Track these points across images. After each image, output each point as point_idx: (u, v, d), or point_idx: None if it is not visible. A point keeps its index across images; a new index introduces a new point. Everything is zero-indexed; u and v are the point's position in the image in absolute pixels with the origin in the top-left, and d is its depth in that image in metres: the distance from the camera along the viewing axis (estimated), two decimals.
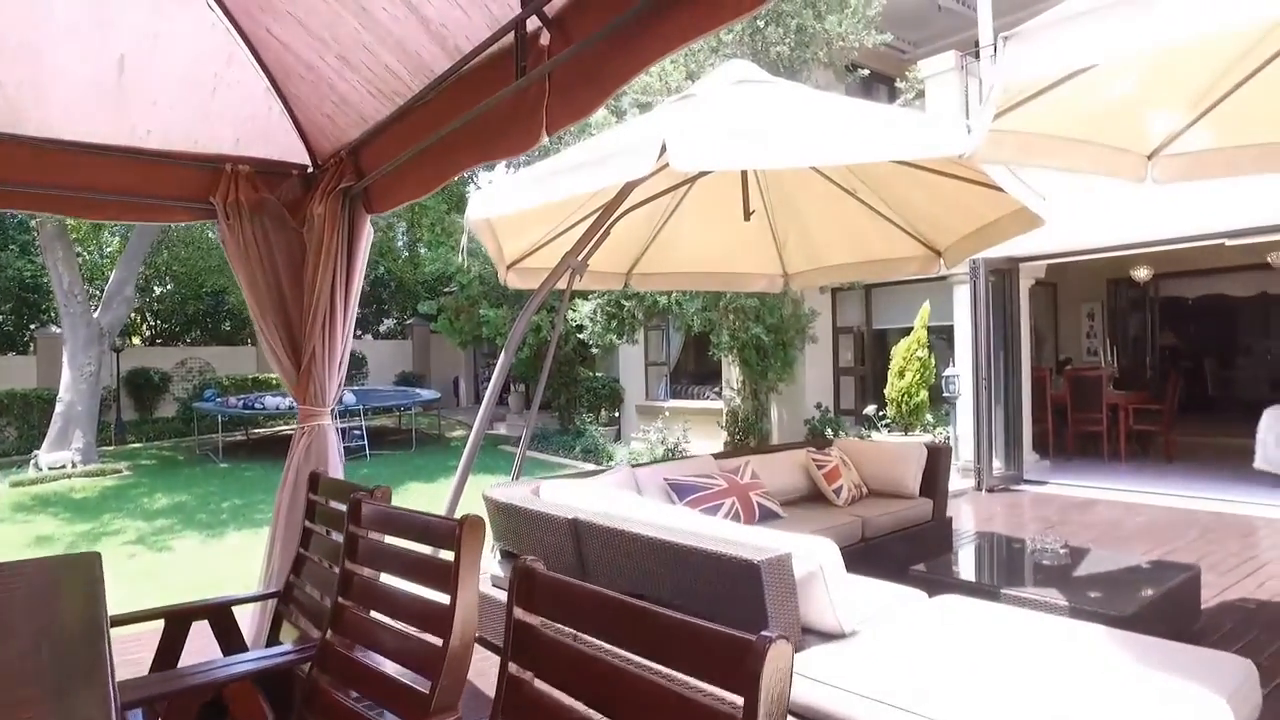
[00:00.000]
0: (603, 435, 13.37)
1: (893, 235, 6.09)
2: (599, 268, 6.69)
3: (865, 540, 4.77)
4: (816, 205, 6.17)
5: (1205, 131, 4.09)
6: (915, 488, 5.24)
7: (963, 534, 6.29)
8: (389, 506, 2.09)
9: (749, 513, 4.52)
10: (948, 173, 4.93)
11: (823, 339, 11.19)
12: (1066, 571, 4.02)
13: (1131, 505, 7.40)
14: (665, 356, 13.96)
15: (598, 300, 10.50)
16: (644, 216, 6.30)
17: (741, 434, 11.04)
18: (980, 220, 5.38)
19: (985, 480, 8.23)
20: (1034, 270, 8.99)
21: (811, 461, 5.19)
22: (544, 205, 5.54)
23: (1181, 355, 14.59)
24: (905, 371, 7.98)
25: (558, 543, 3.48)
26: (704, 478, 4.54)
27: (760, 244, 6.68)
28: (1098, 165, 4.06)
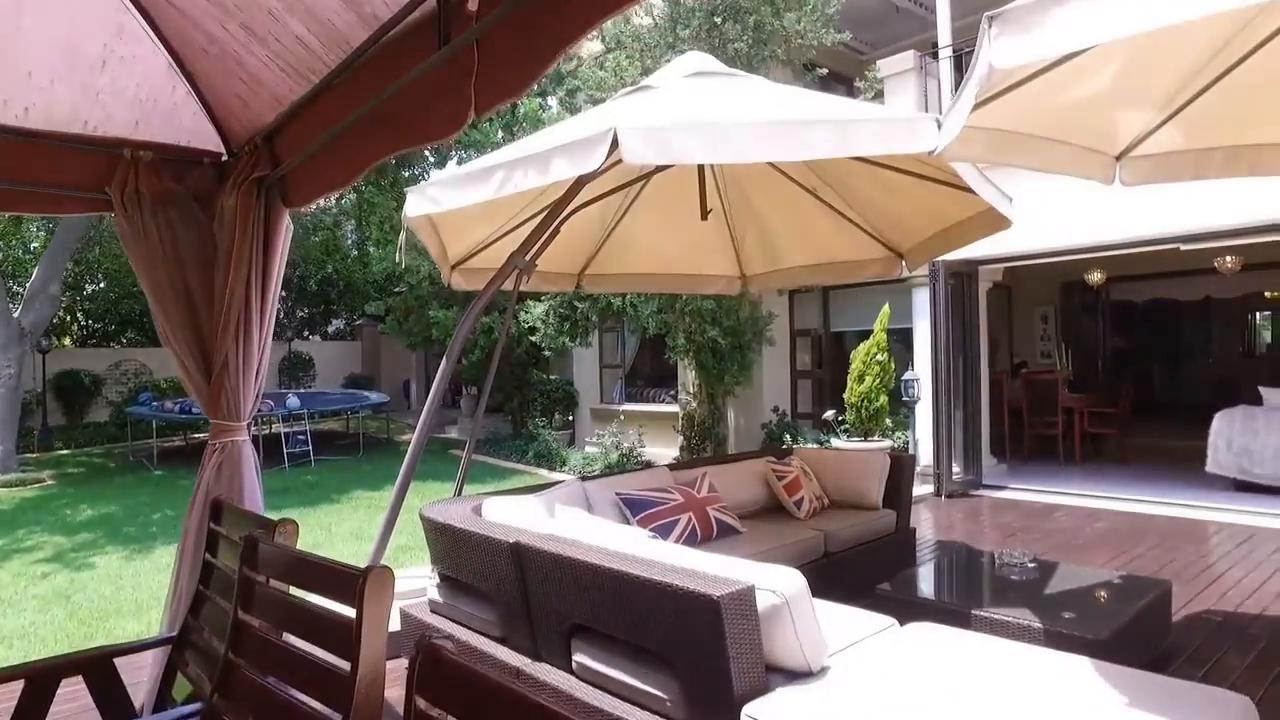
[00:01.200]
0: (556, 440, 13.04)
1: (854, 236, 5.91)
2: (549, 268, 6.39)
3: (828, 555, 4.56)
4: (775, 205, 5.97)
5: (1173, 133, 3.97)
6: (878, 499, 5.05)
7: (927, 546, 6.14)
8: (288, 549, 1.79)
9: (706, 529, 4.27)
10: (913, 171, 4.75)
11: (780, 342, 11.03)
12: (1036, 588, 3.85)
13: (1090, 511, 7.34)
14: (620, 359, 13.69)
15: (550, 302, 10.19)
16: (596, 215, 6.03)
17: (698, 438, 10.81)
18: (945, 221, 5.22)
19: (945, 486, 8.12)
20: (992, 273, 8.93)
21: (771, 472, 4.97)
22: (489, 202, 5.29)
23: (1131, 358, 14.78)
24: (865, 375, 7.83)
25: (498, 569, 3.19)
26: (659, 492, 4.28)
27: (717, 245, 6.45)
28: (1068, 165, 3.91)
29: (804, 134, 3.34)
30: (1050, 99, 3.55)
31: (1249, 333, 17.66)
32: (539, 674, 3.01)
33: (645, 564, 2.60)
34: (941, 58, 9.10)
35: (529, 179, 3.65)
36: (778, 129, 3.36)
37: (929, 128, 3.38)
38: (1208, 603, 4.71)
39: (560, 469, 12.25)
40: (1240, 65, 3.55)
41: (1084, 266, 11.20)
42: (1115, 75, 3.52)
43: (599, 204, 5.83)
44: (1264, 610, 4.58)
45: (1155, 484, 8.34)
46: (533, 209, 5.30)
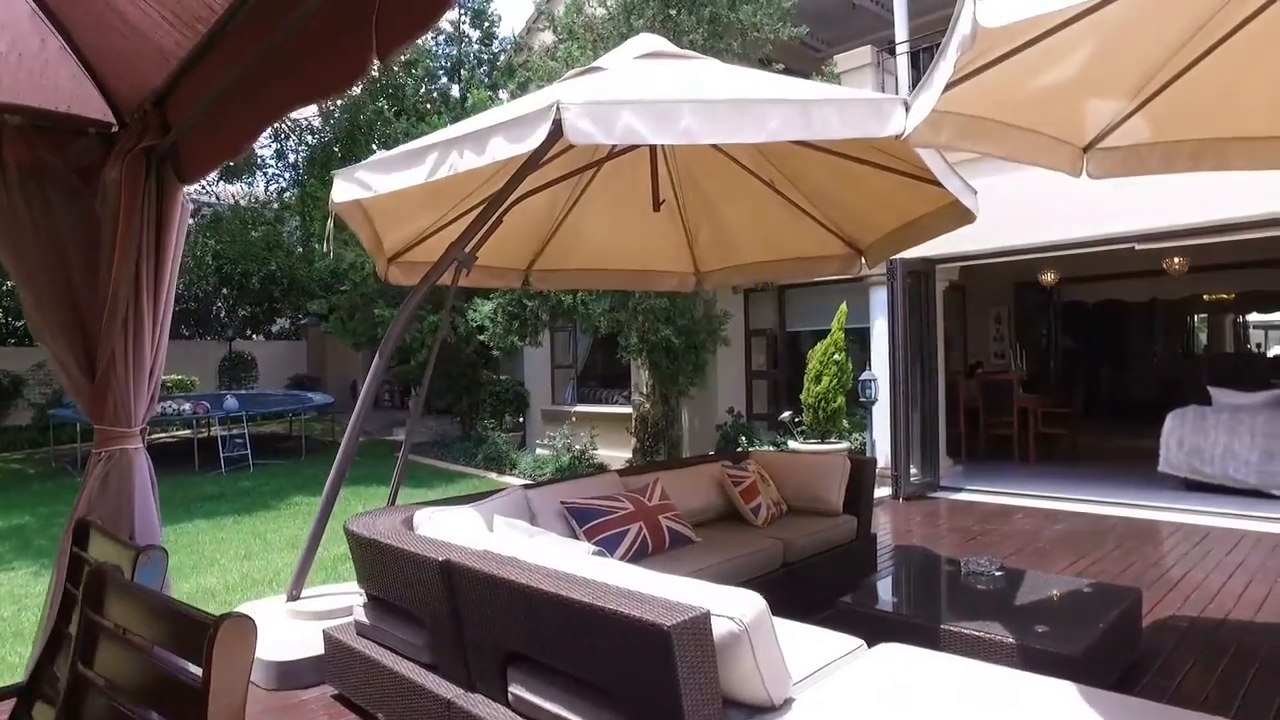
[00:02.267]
0: (506, 442, 12.67)
1: (812, 231, 5.69)
2: (494, 262, 6.07)
3: (787, 565, 4.32)
4: (731, 198, 5.73)
5: (1142, 125, 3.83)
6: (839, 504, 4.83)
7: (888, 552, 5.94)
8: (135, 587, 1.45)
9: (658, 540, 4.00)
10: (875, 162, 4.54)
11: (735, 342, 10.82)
12: (1005, 599, 3.65)
13: (1048, 512, 7.24)
14: (573, 359, 13.37)
15: (499, 299, 9.83)
16: (544, 207, 5.73)
17: (651, 440, 10.55)
18: (907, 215, 5.03)
19: (903, 488, 7.98)
20: (949, 273, 8.83)
21: (727, 477, 4.71)
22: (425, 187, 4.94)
23: (1081, 359, 14.93)
24: (822, 375, 7.64)
25: (427, 589, 2.87)
26: (607, 500, 3.99)
27: (670, 239, 6.19)
28: (1036, 155, 3.74)
29: (762, 114, 3.09)
30: (1020, 85, 3.37)
31: (1189, 334, 18.06)
32: (472, 707, 2.70)
33: (588, 586, 2.31)
34: (899, 53, 8.98)
35: (466, 160, 3.34)
36: (733, 108, 3.10)
37: (897, 110, 3.15)
38: (1172, 608, 4.58)
39: (510, 472, 11.89)
40: (1208, 55, 3.41)
41: (1037, 267, 11.21)
42: (1086, 61, 3.36)
43: (547, 196, 5.55)
44: (1228, 615, 4.46)
45: (1109, 484, 8.30)
46: (477, 197, 4.98)
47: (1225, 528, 6.55)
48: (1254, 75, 3.56)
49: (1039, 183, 7.57)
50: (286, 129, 14.31)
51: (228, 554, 7.29)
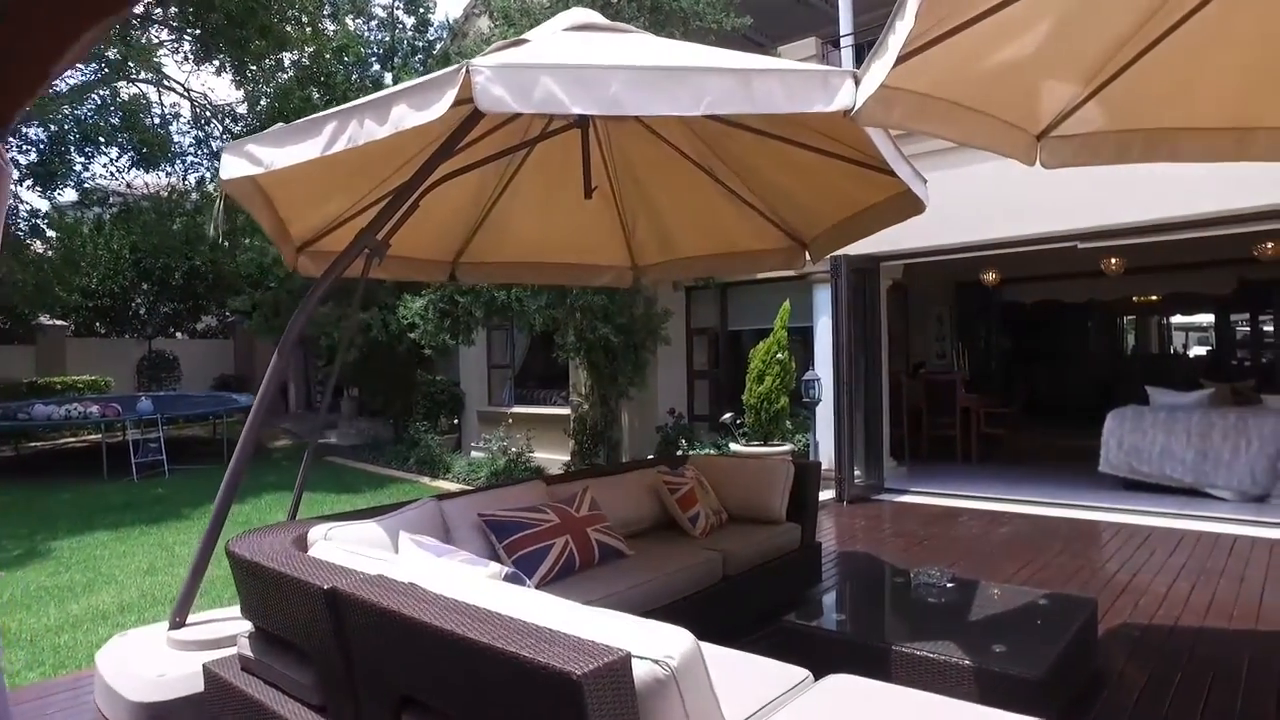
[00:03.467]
0: (440, 444, 12.18)
1: (755, 224, 5.42)
2: (416, 254, 5.67)
3: (727, 579, 4.02)
4: (669, 187, 5.42)
5: (1096, 114, 3.65)
6: (782, 511, 4.56)
7: (833, 559, 5.70)
8: None
9: (586, 554, 3.66)
10: (820, 148, 4.28)
11: (676, 341, 10.54)
12: (959, 614, 3.41)
13: (993, 515, 7.12)
14: (510, 358, 12.95)
15: (430, 296, 9.37)
16: (470, 195, 5.35)
17: (590, 442, 10.21)
18: (853, 206, 4.78)
19: (847, 491, 7.78)
20: (892, 271, 8.68)
21: (664, 485, 4.40)
22: (339, 168, 4.52)
23: (1020, 359, 15.07)
24: (765, 376, 7.40)
25: (312, 622, 2.49)
26: (530, 512, 3.64)
27: (606, 232, 5.86)
28: (990, 140, 3.52)
29: (699, 84, 2.78)
30: (974, 65, 3.14)
31: (1121, 335, 18.45)
32: None
33: (490, 622, 1.96)
34: (844, 46, 8.81)
35: (367, 130, 2.95)
36: (667, 76, 2.79)
37: (845, 84, 2.87)
38: (1124, 614, 4.43)
39: (444, 476, 11.44)
40: (1162, 41, 3.24)
41: (980, 266, 11.19)
42: (1040, 42, 3.16)
43: (473, 182, 5.16)
44: (1178, 620, 4.32)
45: (1051, 484, 8.25)
46: (399, 180, 4.57)
47: (1165, 528, 6.51)
48: (1205, 64, 3.42)
49: (985, 179, 7.51)
50: (208, 114, 13.56)
51: (128, 569, 6.72)
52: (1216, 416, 7.62)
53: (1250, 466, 7.32)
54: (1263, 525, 6.42)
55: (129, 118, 12.18)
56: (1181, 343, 19.99)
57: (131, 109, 12.46)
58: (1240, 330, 17.08)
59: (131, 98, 12.85)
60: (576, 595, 3.39)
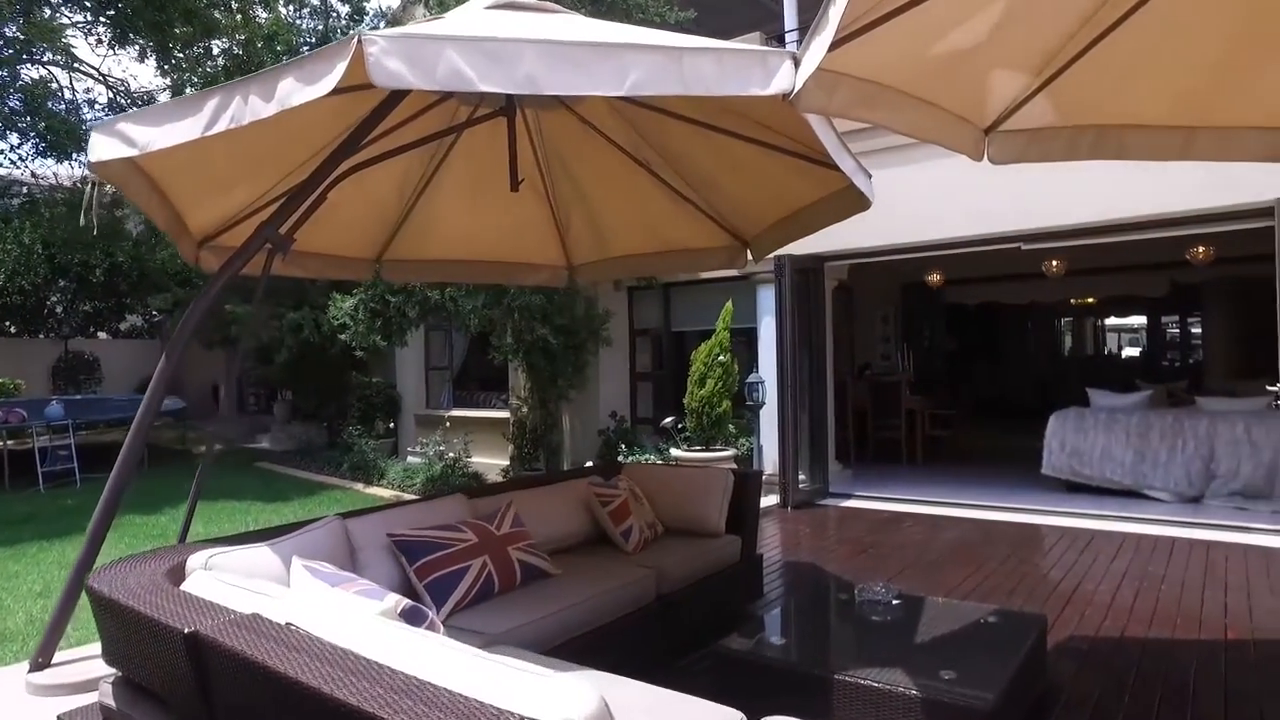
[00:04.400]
0: (374, 449, 11.71)
1: (694, 221, 5.18)
2: (336, 250, 5.32)
3: (661, 598, 3.76)
4: (605, 182, 5.14)
5: (1046, 108, 3.49)
6: (720, 523, 4.32)
7: (775, 570, 5.48)
8: None
9: (507, 576, 3.37)
10: (760, 140, 4.06)
11: (619, 342, 10.28)
12: (904, 635, 3.21)
13: (937, 520, 7.01)
14: (449, 360, 12.54)
15: (361, 295, 8.95)
16: (392, 187, 5.00)
17: (530, 446, 9.90)
18: (795, 202, 4.57)
19: (791, 496, 7.61)
20: (837, 271, 8.55)
21: (595, 497, 4.12)
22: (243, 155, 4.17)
23: (965, 360, 15.18)
24: (706, 378, 7.18)
25: (173, 670, 2.16)
26: (445, 531, 3.33)
27: (539, 228, 5.56)
28: (937, 132, 3.33)
29: (623, 61, 2.51)
30: (921, 51, 2.95)
31: (1059, 336, 18.81)
32: None
33: (366, 678, 1.67)
34: (788, 43, 8.66)
35: (252, 107, 2.62)
36: (589, 53, 2.51)
37: (784, 65, 2.63)
38: (1070, 626, 4.30)
39: (378, 482, 11.00)
40: (1112, 32, 3.09)
41: (925, 267, 11.18)
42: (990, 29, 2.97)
43: (395, 173, 4.84)
44: (1124, 631, 4.21)
45: (995, 487, 8.21)
46: (312, 168, 4.22)
47: (1107, 531, 6.48)
48: (1153, 59, 3.29)
49: (931, 179, 7.41)
50: (124, 101, 12.82)
51: (18, 591, 6.18)
52: (1154, 418, 7.65)
53: (1185, 468, 7.35)
54: (1197, 527, 6.43)
55: (32, 102, 11.39)
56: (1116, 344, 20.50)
57: (36, 93, 11.66)
58: (1171, 332, 17.53)
59: (36, 81, 12.03)
60: (495, 622, 3.10)
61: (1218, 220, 6.31)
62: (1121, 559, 5.61)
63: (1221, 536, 6.15)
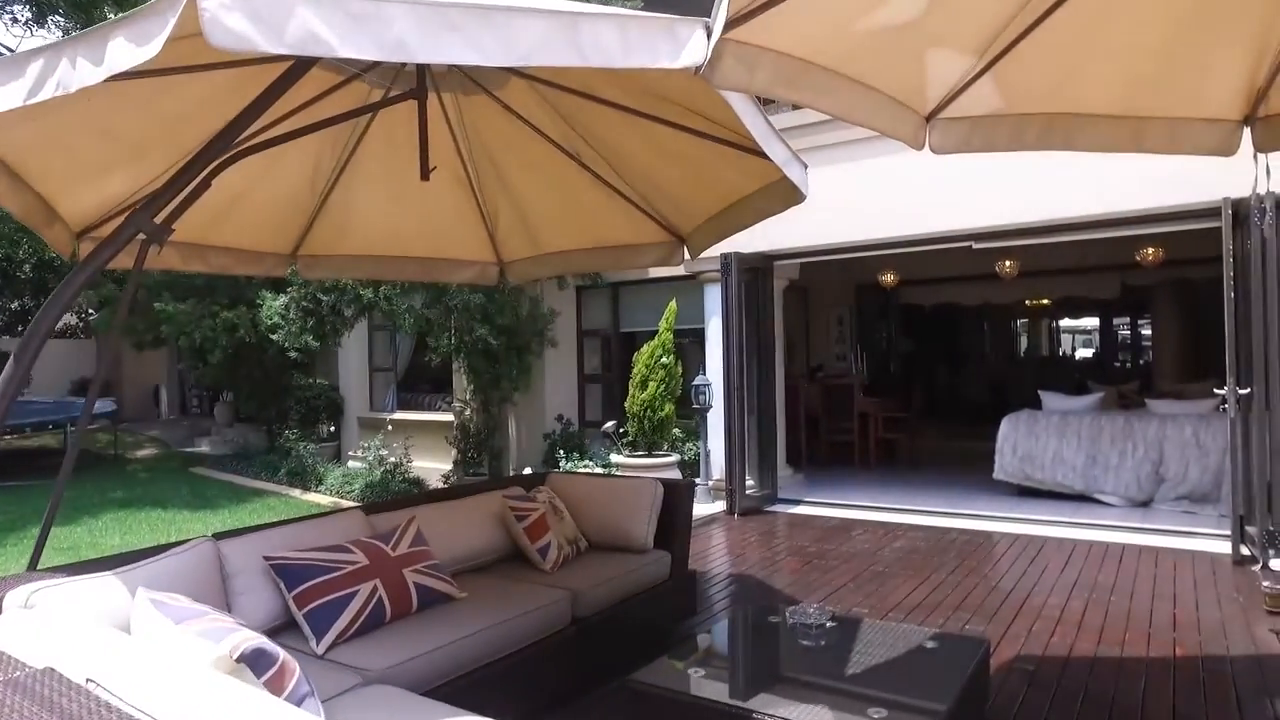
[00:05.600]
0: (313, 454, 11.26)
1: (629, 216, 4.88)
2: (244, 244, 4.95)
3: (578, 622, 3.46)
4: (533, 174, 4.82)
5: (991, 94, 3.26)
6: (647, 538, 4.03)
7: (717, 584, 5.22)
8: None
9: (401, 601, 3.04)
10: (690, 128, 3.78)
11: (567, 343, 9.96)
12: (837, 664, 2.95)
13: (888, 527, 6.80)
14: (393, 361, 12.11)
15: (293, 294, 8.53)
16: (303, 176, 4.62)
17: (474, 450, 9.55)
18: (731, 195, 4.31)
19: (738, 503, 7.36)
20: (788, 270, 8.32)
21: (510, 512, 3.81)
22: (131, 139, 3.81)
23: (919, 361, 15.10)
24: (649, 381, 6.90)
25: None
26: (331, 553, 3.00)
27: (465, 223, 5.23)
28: (873, 117, 3.06)
29: (509, 26, 2.19)
30: (854, 25, 2.69)
31: (1014, 338, 18.88)
32: None
33: None
34: None
35: (81, 72, 2.23)
36: (469, 16, 2.20)
37: (695, 35, 2.35)
38: (1017, 642, 4.09)
39: (316, 488, 10.55)
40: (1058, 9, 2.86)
41: (878, 267, 11.03)
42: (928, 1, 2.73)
43: (308, 162, 4.49)
44: (1072, 649, 4.01)
45: (947, 492, 8.06)
46: None
47: (1058, 538, 6.32)
48: (1098, 44, 3.08)
49: (881, 177, 7.22)
50: None
51: None
52: (1105, 421, 7.54)
53: (1135, 471, 7.25)
54: (1147, 533, 6.31)
55: None
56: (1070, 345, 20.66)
57: None
58: (1122, 333, 17.67)
59: None
60: (380, 655, 2.77)
61: (1166, 220, 6.19)
62: (1072, 568, 5.44)
63: (1170, 543, 6.02)
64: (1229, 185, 5.53)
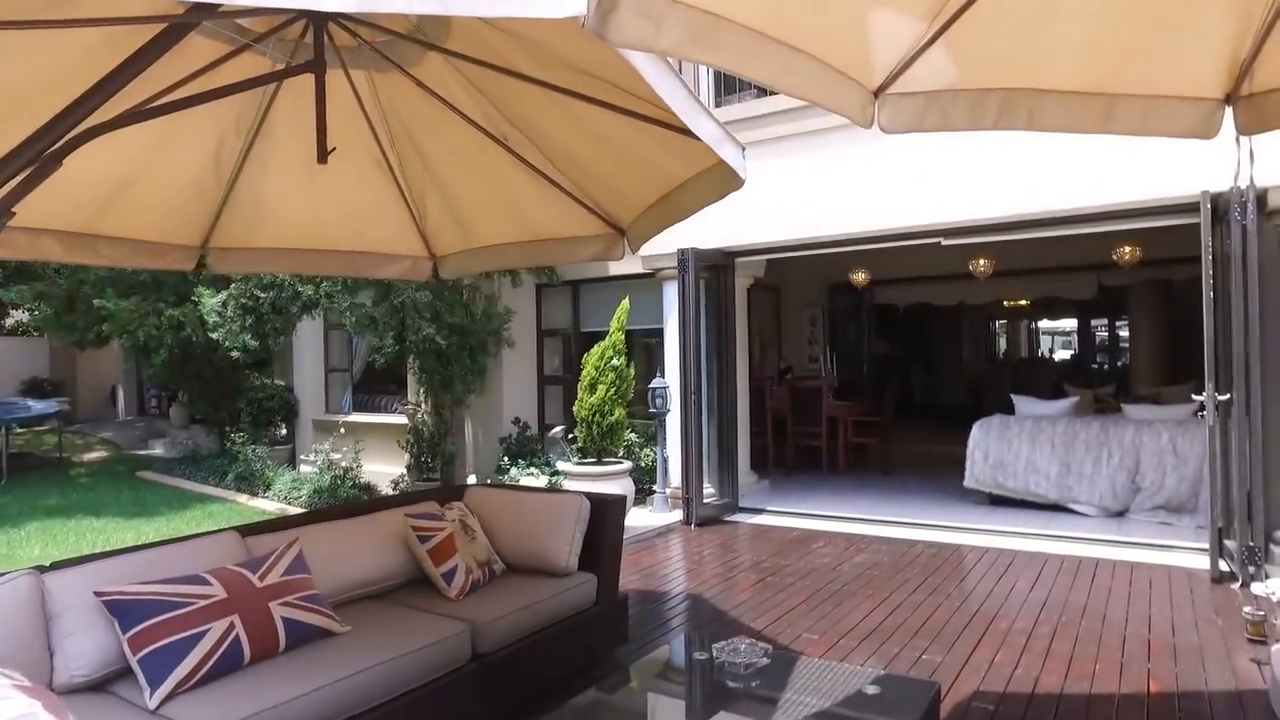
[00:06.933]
0: (261, 458, 10.79)
1: (564, 206, 4.48)
2: (142, 234, 4.52)
3: (479, 658, 3.07)
4: (461, 161, 4.41)
5: (944, 63, 2.89)
6: (570, 560, 3.63)
7: (651, 613, 4.79)
8: None
9: (265, 639, 2.64)
10: (616, 106, 3.40)
11: (527, 343, 9.56)
12: (761, 713, 2.58)
13: (851, 539, 6.45)
14: (349, 361, 11.66)
15: (231, 291, 8.07)
16: (206, 160, 4.17)
17: (429, 455, 9.13)
18: (669, 183, 3.92)
19: (695, 512, 6.98)
20: (752, 268, 7.96)
21: (412, 533, 3.41)
22: None
23: (894, 363, 14.80)
24: (597, 384, 6.51)
25: None
26: (183, 585, 2.59)
27: (392, 214, 4.80)
28: (811, 89, 2.66)
29: None
30: None
31: (991, 339, 18.64)
32: None
33: None
34: None
35: None
36: None
37: None
38: (977, 675, 3.73)
39: (264, 494, 10.11)
40: None
41: (849, 266, 10.70)
42: None
43: (208, 144, 4.06)
44: (1037, 684, 3.65)
45: (916, 501, 7.73)
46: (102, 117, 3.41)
47: (1029, 551, 5.99)
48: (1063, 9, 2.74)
49: (846, 170, 6.86)
50: None
51: None
52: (1080, 427, 7.23)
53: (1111, 480, 6.94)
54: (1122, 546, 5.99)
55: None
56: (1049, 347, 20.46)
57: None
58: (1100, 335, 17.46)
59: None
60: (232, 706, 2.35)
61: (1142, 215, 5.86)
62: (1041, 586, 5.11)
63: (1146, 557, 5.70)
64: (1208, 178, 5.22)
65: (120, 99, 2.76)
